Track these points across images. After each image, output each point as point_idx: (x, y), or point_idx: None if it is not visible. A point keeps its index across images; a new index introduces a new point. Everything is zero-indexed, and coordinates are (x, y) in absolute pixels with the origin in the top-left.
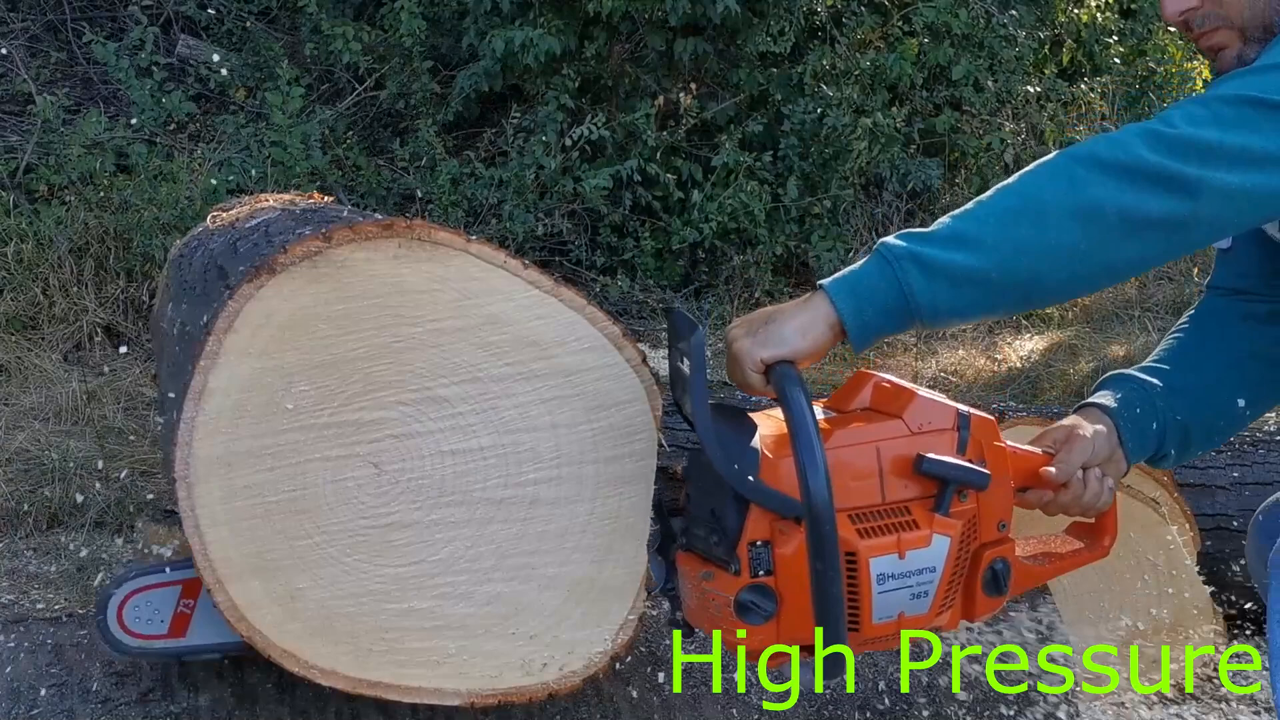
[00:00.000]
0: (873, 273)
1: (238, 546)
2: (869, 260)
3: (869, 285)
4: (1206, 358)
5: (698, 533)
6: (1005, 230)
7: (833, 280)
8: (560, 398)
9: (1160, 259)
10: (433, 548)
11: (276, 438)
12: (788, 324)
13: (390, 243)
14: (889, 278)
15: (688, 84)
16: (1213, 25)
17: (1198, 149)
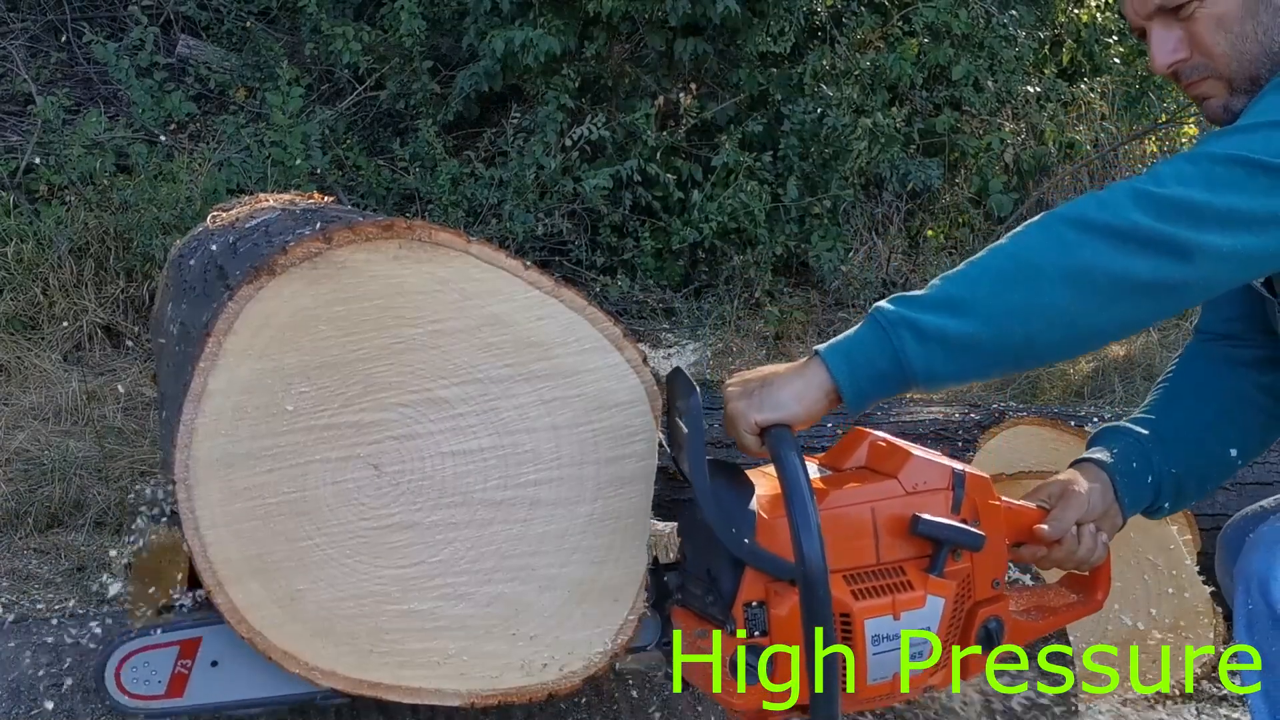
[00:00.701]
0: (867, 340)
1: (238, 548)
2: (864, 326)
3: (864, 352)
4: (1197, 406)
5: (693, 590)
6: (997, 295)
7: (828, 347)
8: (561, 399)
9: (1153, 319)
10: (433, 549)
11: (276, 439)
12: (784, 389)
13: (390, 244)
14: (884, 344)
15: (688, 84)
16: (1200, 75)
17: (1188, 211)
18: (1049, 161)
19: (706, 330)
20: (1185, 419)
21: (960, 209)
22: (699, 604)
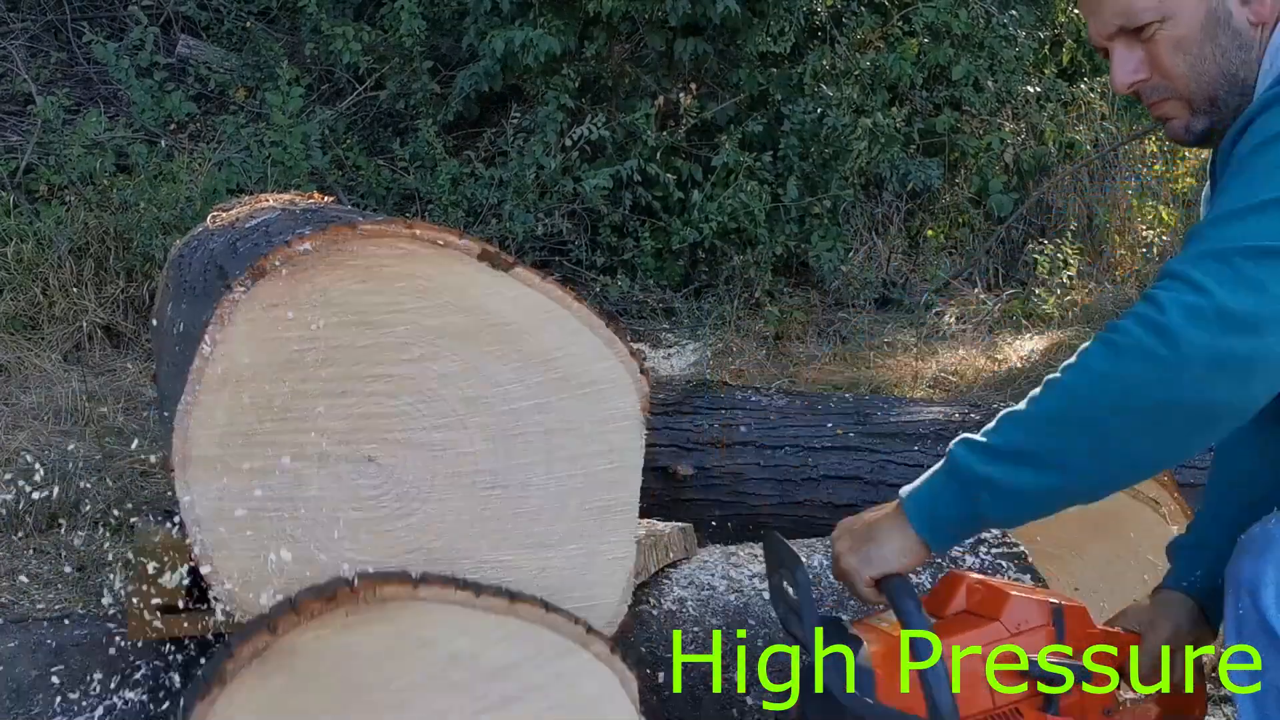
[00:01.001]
0: (947, 498)
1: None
2: (943, 479)
3: (945, 512)
4: (1249, 488)
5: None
6: (1069, 444)
7: (913, 502)
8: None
9: (1227, 430)
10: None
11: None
12: (886, 545)
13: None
14: (963, 503)
15: (688, 84)
16: (1161, 96)
17: (1242, 319)
18: (1049, 161)
19: (706, 330)
20: (1237, 511)
21: (960, 209)
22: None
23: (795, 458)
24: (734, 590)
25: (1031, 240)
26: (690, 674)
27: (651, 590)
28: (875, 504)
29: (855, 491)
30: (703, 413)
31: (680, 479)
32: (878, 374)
